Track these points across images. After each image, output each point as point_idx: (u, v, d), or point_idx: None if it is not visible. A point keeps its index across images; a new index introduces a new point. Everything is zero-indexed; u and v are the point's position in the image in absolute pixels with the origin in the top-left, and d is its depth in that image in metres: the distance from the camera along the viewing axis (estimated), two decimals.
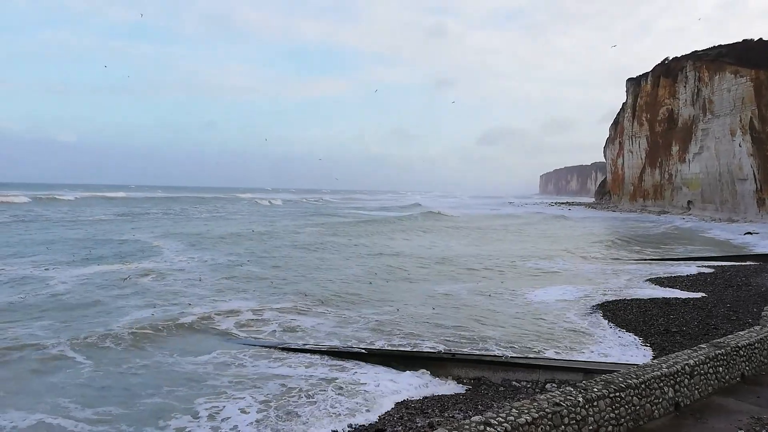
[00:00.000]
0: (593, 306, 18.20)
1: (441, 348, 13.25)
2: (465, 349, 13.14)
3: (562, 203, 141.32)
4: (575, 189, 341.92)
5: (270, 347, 13.31)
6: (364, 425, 9.22)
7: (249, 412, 9.60)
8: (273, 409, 9.73)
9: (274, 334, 14.60)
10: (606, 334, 14.95)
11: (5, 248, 28.87)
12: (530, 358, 12.32)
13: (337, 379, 11.28)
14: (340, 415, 9.61)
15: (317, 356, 12.61)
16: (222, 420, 9.31)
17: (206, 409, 9.69)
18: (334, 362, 12.26)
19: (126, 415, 9.40)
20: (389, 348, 13.41)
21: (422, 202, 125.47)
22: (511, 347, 13.41)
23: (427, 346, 13.51)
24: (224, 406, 9.79)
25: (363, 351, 12.76)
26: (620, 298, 19.37)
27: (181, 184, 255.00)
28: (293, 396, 10.37)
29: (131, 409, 9.61)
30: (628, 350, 13.50)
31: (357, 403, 10.09)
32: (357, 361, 12.31)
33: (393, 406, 10.06)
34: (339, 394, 10.53)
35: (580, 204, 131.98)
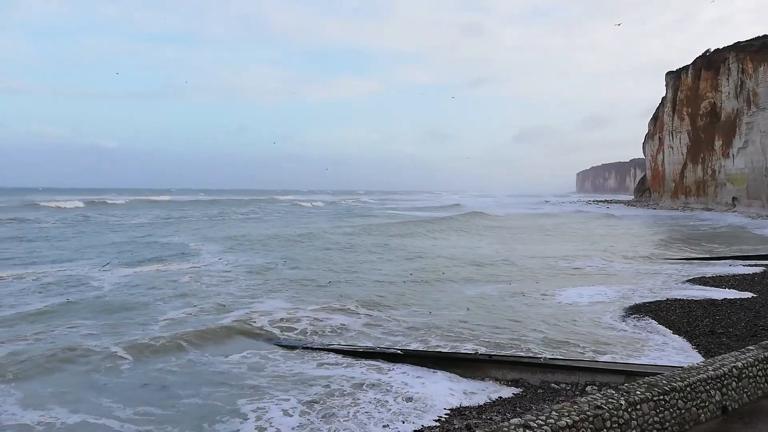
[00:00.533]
0: (634, 306, 17.78)
1: (480, 350, 13.15)
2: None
3: (600, 201, 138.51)
4: (613, 187, 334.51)
5: (305, 348, 13.44)
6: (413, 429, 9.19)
7: (293, 415, 9.66)
8: (317, 413, 9.77)
9: (307, 334, 14.73)
10: (657, 337, 14.36)
11: (58, 251, 30.05)
12: (570, 359, 12.12)
13: (378, 381, 11.31)
14: (385, 420, 9.62)
15: (350, 357, 12.66)
16: (269, 422, 9.34)
17: (252, 411, 9.76)
18: (371, 363, 12.30)
19: (168, 416, 9.56)
20: (425, 349, 13.39)
21: (461, 201, 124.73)
22: (558, 352, 13.04)
23: (465, 348, 13.43)
24: (268, 408, 9.89)
25: (399, 352, 12.78)
26: (662, 298, 18.85)
27: (217, 186, 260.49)
28: (336, 398, 10.43)
29: (173, 410, 9.78)
30: (681, 353, 12.92)
31: (400, 407, 10.09)
32: (392, 363, 12.33)
33: (432, 408, 10.03)
34: (380, 396, 10.56)
35: (618, 202, 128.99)
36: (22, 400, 9.98)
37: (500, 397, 10.64)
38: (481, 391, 10.96)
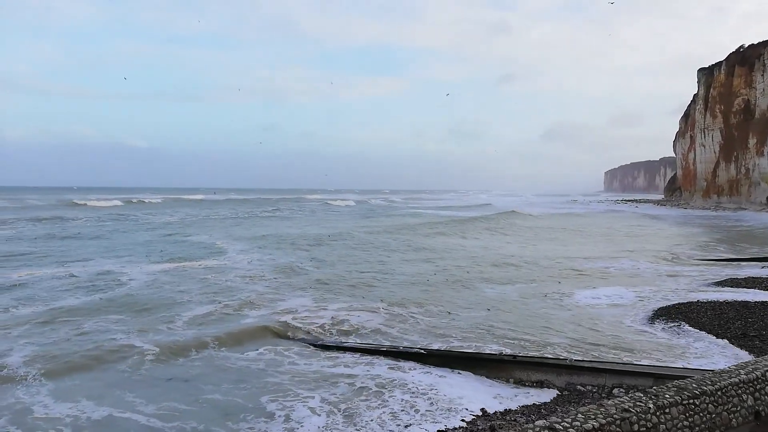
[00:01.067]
0: (663, 309, 17.40)
1: (505, 350, 13.04)
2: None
3: (629, 200, 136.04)
4: (642, 186, 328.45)
5: (329, 346, 13.49)
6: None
7: (318, 413, 9.69)
8: (341, 411, 9.79)
9: (331, 333, 14.78)
10: (698, 344, 13.74)
11: (93, 249, 30.78)
12: (596, 361, 11.91)
13: (402, 380, 11.30)
14: (408, 420, 9.60)
15: (374, 356, 12.66)
16: (295, 421, 9.37)
17: (278, 408, 9.81)
18: (394, 362, 12.28)
19: (192, 411, 9.66)
20: (449, 349, 13.32)
21: (489, 201, 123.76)
22: (589, 356, 12.73)
23: (488, 349, 13.33)
24: (294, 406, 9.94)
25: (423, 351, 12.74)
26: (691, 299, 18.39)
27: (245, 185, 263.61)
28: (360, 397, 10.44)
29: (196, 406, 9.90)
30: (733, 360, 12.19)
31: (423, 406, 10.05)
32: (416, 362, 12.29)
33: (455, 409, 9.98)
34: (404, 395, 10.55)
35: (648, 201, 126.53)
36: (53, 392, 10.26)
37: (524, 399, 10.52)
38: (505, 392, 10.86)
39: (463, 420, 9.43)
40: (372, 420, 9.43)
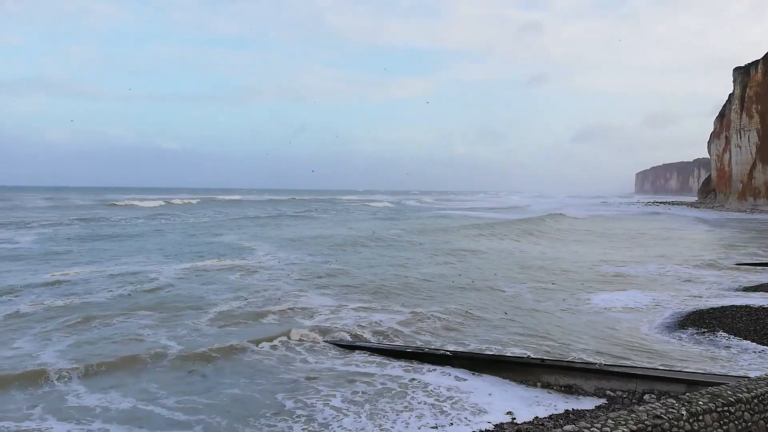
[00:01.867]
0: (696, 312, 16.98)
1: (528, 354, 12.88)
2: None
3: (661, 203, 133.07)
4: (675, 188, 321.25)
5: (352, 346, 13.49)
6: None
7: (340, 413, 9.71)
8: (365, 412, 9.79)
9: (352, 332, 14.78)
10: (739, 351, 13.31)
11: (129, 247, 31.50)
12: (626, 366, 11.68)
13: (426, 382, 11.25)
14: (434, 423, 9.57)
15: (397, 357, 12.63)
16: (316, 421, 9.42)
17: (298, 407, 9.91)
18: (418, 364, 12.23)
19: (212, 405, 9.90)
20: (474, 351, 13.23)
21: (527, 203, 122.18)
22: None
23: (510, 352, 13.19)
24: (315, 404, 9.99)
25: (448, 354, 12.67)
26: (726, 304, 17.88)
27: (276, 186, 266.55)
28: (383, 398, 10.43)
29: (215, 399, 10.15)
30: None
31: (448, 409, 10.00)
32: (439, 365, 12.22)
33: (481, 412, 9.90)
34: (428, 397, 10.51)
35: (681, 203, 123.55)
36: (84, 384, 10.71)
37: (552, 403, 10.38)
38: (532, 396, 10.72)
39: (489, 423, 9.34)
40: (395, 421, 9.42)
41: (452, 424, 9.32)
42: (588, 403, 10.31)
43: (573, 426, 5.72)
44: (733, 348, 13.63)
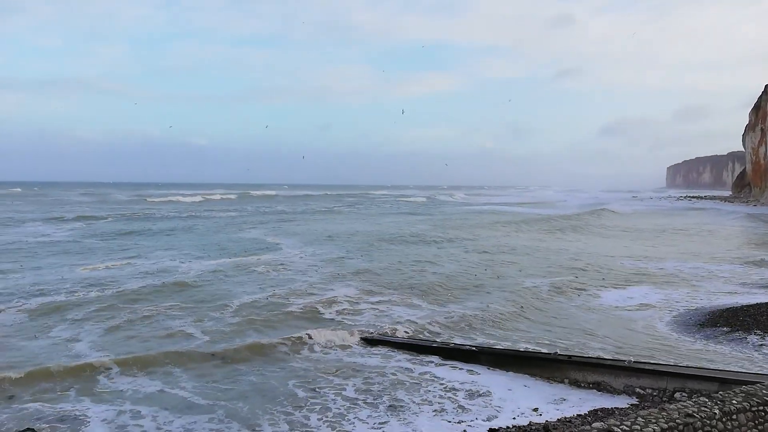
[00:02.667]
0: (726, 311, 16.55)
1: (556, 350, 12.73)
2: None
3: (693, 197, 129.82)
4: (708, 182, 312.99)
5: (376, 341, 13.51)
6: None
7: (361, 407, 9.78)
8: (387, 406, 9.85)
9: (374, 325, 14.87)
10: None
11: (163, 242, 32.08)
12: (657, 363, 11.45)
13: (452, 377, 11.25)
14: (460, 418, 9.55)
15: (422, 352, 12.64)
16: (336, 414, 9.52)
17: (311, 396, 10.18)
18: (443, 359, 12.24)
19: (232, 391, 10.31)
20: (501, 348, 13.14)
21: (557, 197, 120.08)
22: None
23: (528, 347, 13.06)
24: (333, 397, 10.11)
25: (473, 349, 12.61)
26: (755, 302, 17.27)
27: (304, 182, 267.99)
28: (408, 392, 10.45)
29: (235, 386, 10.58)
30: None
31: (473, 404, 9.98)
32: (465, 359, 12.18)
33: (507, 408, 9.84)
34: (452, 393, 10.50)
35: (714, 198, 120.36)
36: (115, 368, 11.23)
37: (580, 400, 10.25)
38: (559, 393, 10.60)
39: (514, 419, 9.28)
40: (417, 413, 9.44)
41: (476, 419, 9.28)
42: (617, 401, 10.15)
43: (602, 423, 5.63)
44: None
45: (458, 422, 9.16)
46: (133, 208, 65.42)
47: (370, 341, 13.56)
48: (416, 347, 13.01)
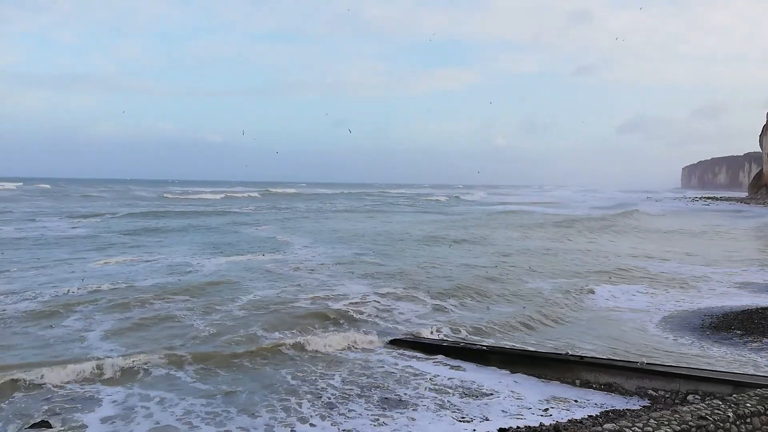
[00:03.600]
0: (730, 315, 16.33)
1: (567, 350, 12.66)
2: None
3: (708, 198, 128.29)
4: (724, 182, 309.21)
5: (388, 339, 13.53)
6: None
7: (369, 405, 9.82)
8: (392, 404, 9.87)
9: (381, 321, 15.03)
10: None
11: (180, 240, 32.35)
12: (670, 365, 11.36)
13: (461, 377, 11.26)
14: (469, 417, 9.54)
15: (429, 351, 12.64)
16: (341, 412, 9.59)
17: (306, 387, 10.43)
18: (450, 358, 12.26)
19: (234, 379, 10.80)
20: (511, 347, 13.10)
21: (577, 197, 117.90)
22: None
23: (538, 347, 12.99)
24: (337, 395, 10.20)
25: (484, 348, 12.58)
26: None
27: (318, 180, 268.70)
28: (413, 389, 10.47)
29: (237, 375, 11.02)
30: None
31: (482, 404, 9.97)
32: (474, 359, 12.15)
33: (518, 408, 9.80)
34: (461, 392, 10.49)
35: (730, 199, 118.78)
36: (122, 353, 11.79)
37: (591, 401, 10.19)
38: (570, 394, 10.55)
39: (524, 419, 9.24)
40: (425, 409, 9.46)
41: (485, 419, 9.25)
42: (629, 403, 10.08)
43: (613, 425, 5.61)
44: None
45: (468, 421, 9.14)
46: (152, 205, 66.06)
47: (380, 338, 13.57)
48: (425, 346, 12.99)
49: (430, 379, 11.04)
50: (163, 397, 9.80)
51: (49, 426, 8.40)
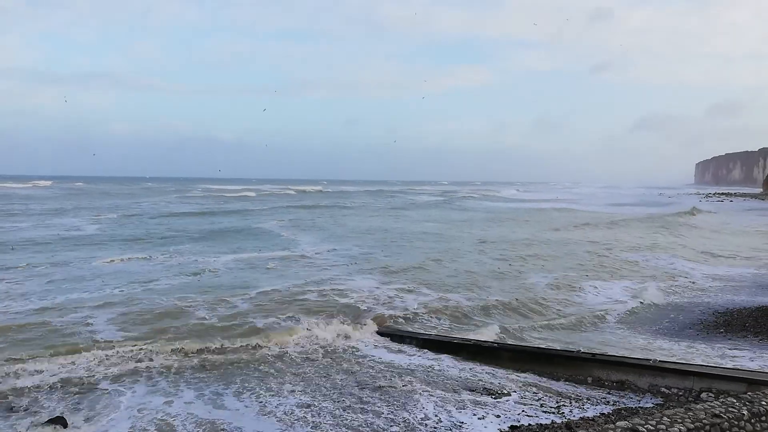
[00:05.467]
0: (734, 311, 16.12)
1: (579, 348, 12.61)
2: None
3: (722, 194, 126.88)
4: (738, 179, 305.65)
5: (392, 334, 13.56)
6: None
7: (376, 402, 9.86)
8: (398, 402, 9.88)
9: (390, 318, 14.96)
10: None
11: (193, 235, 32.53)
12: (683, 363, 11.27)
13: (472, 371, 11.25)
14: (481, 413, 9.53)
15: (437, 348, 12.64)
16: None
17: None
18: (459, 355, 12.25)
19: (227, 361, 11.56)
20: (523, 345, 13.06)
21: (601, 194, 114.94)
22: None
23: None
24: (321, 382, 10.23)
25: (495, 345, 12.56)
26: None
27: (329, 177, 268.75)
28: (423, 385, 10.47)
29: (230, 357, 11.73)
30: None
31: (495, 402, 9.94)
32: (482, 355, 12.13)
33: (529, 405, 9.77)
34: (471, 387, 10.47)
35: (743, 195, 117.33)
36: (127, 338, 12.31)
37: (603, 399, 10.13)
38: (582, 392, 10.50)
39: (536, 417, 9.21)
40: (431, 403, 9.49)
41: (499, 417, 9.23)
42: (642, 400, 10.02)
43: (626, 422, 5.57)
44: None
45: (480, 418, 9.12)
46: (172, 202, 66.67)
47: (386, 334, 13.59)
48: (436, 343, 12.97)
49: (440, 375, 11.04)
50: (169, 391, 9.97)
51: (65, 423, 8.47)
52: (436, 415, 9.21)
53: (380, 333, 13.81)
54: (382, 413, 9.25)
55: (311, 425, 8.78)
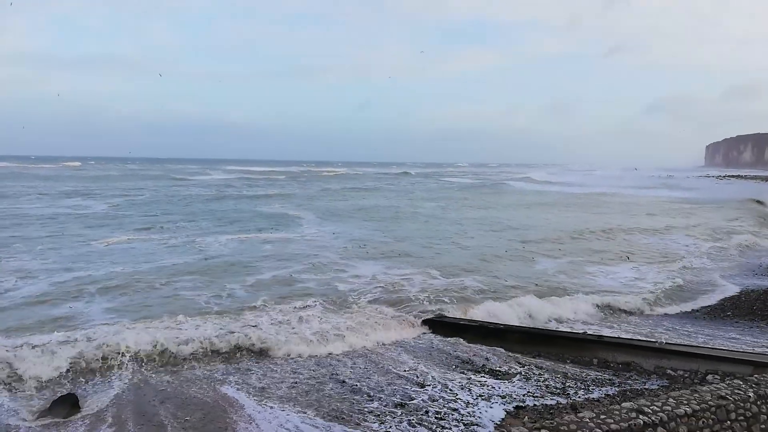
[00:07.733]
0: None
1: (585, 329, 12.62)
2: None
3: (732, 176, 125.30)
4: (749, 161, 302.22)
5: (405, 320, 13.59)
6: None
7: (381, 398, 9.92)
8: (407, 381, 9.94)
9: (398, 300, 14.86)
10: None
11: (192, 215, 32.65)
12: (690, 345, 11.26)
13: (480, 352, 11.27)
14: (487, 395, 9.58)
15: (445, 330, 12.65)
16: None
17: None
18: (463, 337, 12.24)
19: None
20: (529, 326, 13.08)
21: (623, 176, 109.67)
22: None
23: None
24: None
25: (501, 327, 12.58)
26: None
27: (341, 159, 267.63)
28: (429, 369, 10.53)
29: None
30: None
31: (499, 384, 9.99)
32: (486, 337, 12.16)
33: (534, 386, 9.81)
34: (477, 370, 10.51)
35: (756, 178, 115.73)
36: (129, 328, 11.82)
37: (609, 380, 10.16)
38: (587, 373, 10.52)
39: (542, 398, 9.25)
40: (443, 390, 9.50)
41: (503, 397, 9.27)
42: (647, 382, 10.03)
43: (631, 403, 5.57)
44: None
45: (486, 399, 9.17)
46: (185, 183, 67.05)
47: (400, 317, 13.63)
48: (444, 324, 13.01)
49: (445, 356, 11.09)
50: (164, 377, 9.91)
51: (77, 401, 8.57)
52: (441, 396, 9.28)
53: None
54: (384, 391, 9.33)
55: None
